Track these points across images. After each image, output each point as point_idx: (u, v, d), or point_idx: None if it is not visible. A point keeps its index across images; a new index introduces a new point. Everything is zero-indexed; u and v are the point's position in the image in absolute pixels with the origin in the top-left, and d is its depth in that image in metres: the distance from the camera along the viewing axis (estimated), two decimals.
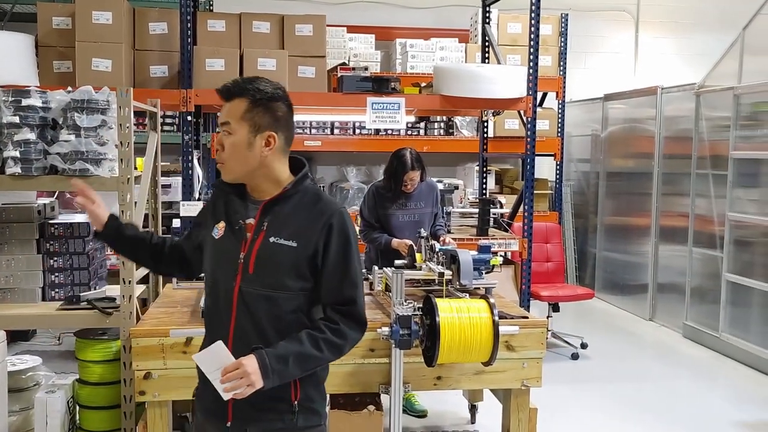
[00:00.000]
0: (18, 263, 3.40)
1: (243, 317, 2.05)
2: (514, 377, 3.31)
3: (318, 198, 2.12)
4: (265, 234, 2.06)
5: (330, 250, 2.05)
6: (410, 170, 4.35)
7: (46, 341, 5.72)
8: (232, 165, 2.06)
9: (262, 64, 4.99)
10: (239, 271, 2.05)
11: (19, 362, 3.68)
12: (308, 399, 2.11)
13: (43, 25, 4.99)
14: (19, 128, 3.12)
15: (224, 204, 2.16)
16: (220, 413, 2.07)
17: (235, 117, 2.02)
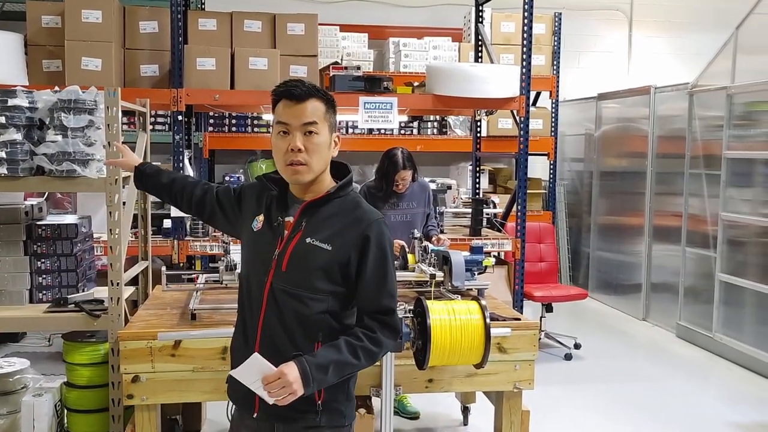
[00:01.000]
0: (4, 265, 3.35)
1: (271, 313, 2.10)
2: (506, 379, 3.29)
3: (357, 205, 2.16)
4: (302, 234, 2.10)
5: (367, 262, 2.09)
6: (402, 170, 4.33)
7: (35, 342, 5.67)
8: (316, 165, 2.09)
9: (254, 64, 4.96)
10: (272, 267, 2.10)
11: (6, 365, 3.63)
12: (333, 399, 2.15)
13: (33, 24, 4.96)
14: (5, 129, 3.07)
15: (265, 198, 2.21)
16: (248, 405, 2.14)
17: (319, 117, 2.07)
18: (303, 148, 2.06)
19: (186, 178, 2.59)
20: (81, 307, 3.25)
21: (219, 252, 3.85)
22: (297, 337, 2.09)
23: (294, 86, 2.08)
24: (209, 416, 4.27)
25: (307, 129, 2.06)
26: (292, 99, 2.07)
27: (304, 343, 2.09)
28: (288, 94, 2.08)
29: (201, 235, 4.95)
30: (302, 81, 2.12)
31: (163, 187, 2.59)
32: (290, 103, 2.08)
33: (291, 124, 2.07)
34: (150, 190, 2.71)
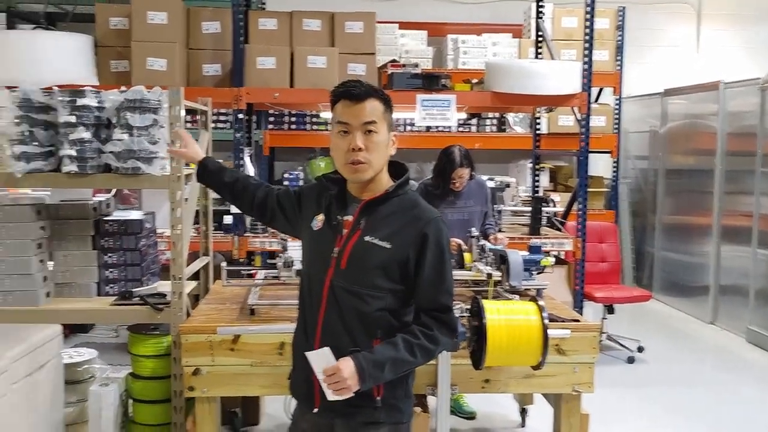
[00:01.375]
0: (74, 259, 3.47)
1: (331, 310, 2.15)
2: (564, 382, 3.23)
3: (415, 203, 2.19)
4: (361, 232, 2.14)
5: (425, 260, 2.12)
6: (459, 167, 4.30)
7: (103, 333, 5.86)
8: (376, 164, 2.13)
9: (312, 62, 5.01)
10: (332, 265, 2.14)
11: (75, 355, 3.77)
12: (392, 396, 2.18)
13: (101, 26, 5.12)
14: (75, 127, 3.17)
15: (324, 198, 2.25)
16: (309, 400, 2.20)
17: (378, 116, 2.12)
18: (363, 146, 2.10)
19: (248, 178, 2.63)
20: (145, 300, 3.34)
21: (278, 248, 3.90)
22: (356, 334, 2.13)
23: (353, 86, 2.13)
24: (268, 411, 4.34)
25: (366, 128, 2.11)
26: (352, 99, 2.12)
27: (364, 340, 2.13)
28: (347, 95, 2.12)
29: (260, 232, 5.03)
30: (360, 81, 2.16)
31: (225, 185, 2.64)
32: (350, 102, 2.12)
33: (351, 123, 2.11)
34: (211, 186, 2.77)
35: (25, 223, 3.26)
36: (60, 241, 3.46)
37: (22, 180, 3.19)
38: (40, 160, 3.20)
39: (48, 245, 3.41)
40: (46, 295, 3.34)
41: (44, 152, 3.21)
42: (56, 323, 3.16)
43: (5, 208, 3.29)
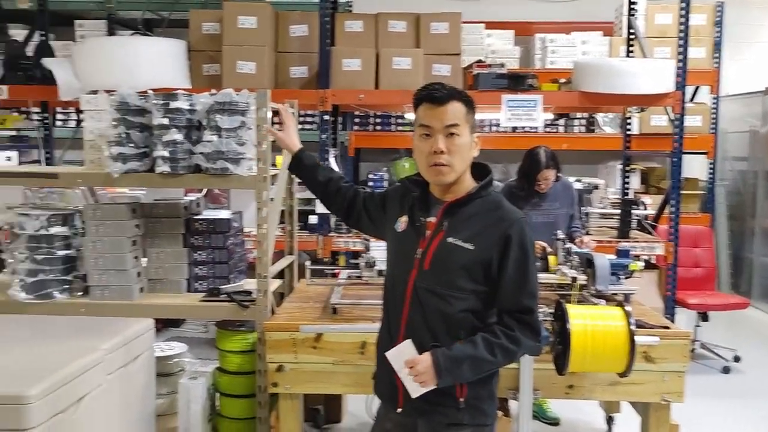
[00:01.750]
0: (166, 256, 3.60)
1: (415, 311, 2.17)
2: (653, 390, 3.12)
3: (499, 205, 2.19)
4: (444, 234, 2.15)
5: (508, 261, 2.12)
6: (544, 169, 4.23)
7: (194, 328, 6.05)
8: (458, 166, 2.14)
9: (397, 63, 5.02)
10: (415, 266, 2.17)
11: (167, 348, 3.91)
12: (475, 397, 2.19)
13: (195, 31, 5.29)
14: (168, 129, 3.30)
15: (407, 200, 2.28)
16: (393, 399, 2.23)
17: (460, 119, 2.12)
18: (445, 149, 2.10)
19: (340, 180, 2.65)
20: (231, 297, 3.43)
21: (361, 248, 3.94)
22: (439, 335, 2.15)
23: (435, 89, 2.13)
24: (350, 409, 4.38)
25: (449, 131, 2.11)
26: (434, 102, 2.12)
27: (447, 341, 2.14)
28: (429, 97, 2.13)
29: (345, 232, 5.08)
30: (443, 84, 2.16)
31: (318, 183, 2.66)
32: (432, 105, 2.13)
33: (433, 126, 2.12)
34: (303, 180, 2.77)
35: (122, 221, 3.41)
36: (153, 239, 3.60)
37: (119, 180, 3.34)
38: (136, 161, 3.34)
39: (142, 242, 3.56)
40: (139, 290, 3.49)
41: (139, 153, 3.35)
42: (149, 317, 3.27)
43: (103, 207, 3.45)
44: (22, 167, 4.27)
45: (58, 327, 3.10)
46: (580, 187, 5.55)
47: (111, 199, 4.95)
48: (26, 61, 5.37)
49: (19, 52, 5.43)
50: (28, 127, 6.46)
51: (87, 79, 4.97)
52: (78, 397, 2.52)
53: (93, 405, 2.61)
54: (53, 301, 3.39)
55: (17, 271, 3.36)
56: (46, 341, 2.87)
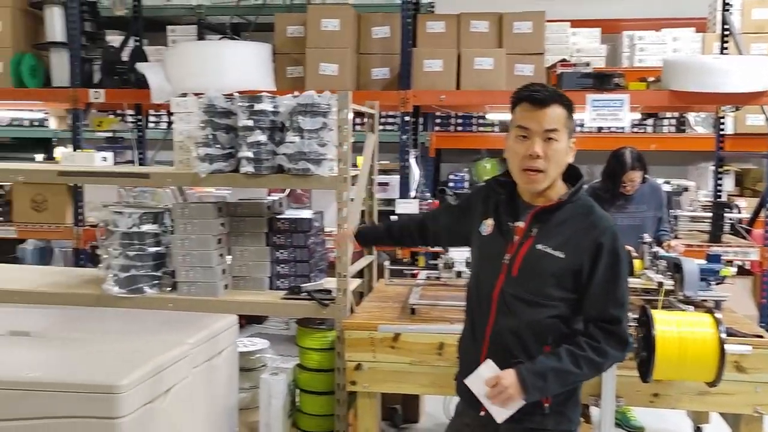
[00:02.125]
0: (250, 254, 3.69)
1: (501, 317, 2.14)
2: (744, 402, 2.98)
3: (590, 211, 2.13)
4: (533, 240, 2.10)
5: (598, 269, 2.07)
6: (630, 170, 4.11)
7: (276, 325, 6.20)
8: (553, 172, 2.09)
9: (479, 64, 4.99)
10: (503, 272, 2.13)
11: (249, 344, 4.02)
12: (560, 403, 2.15)
13: (280, 34, 5.40)
14: (252, 131, 3.38)
15: (494, 202, 2.22)
16: (475, 403, 2.17)
17: (560, 123, 2.06)
18: (542, 154, 2.04)
19: (399, 219, 2.73)
20: (312, 295, 3.49)
21: (440, 249, 3.93)
22: (527, 340, 2.11)
23: (537, 90, 2.07)
24: (427, 409, 4.38)
25: (547, 135, 2.05)
26: (535, 103, 2.06)
27: (534, 347, 2.10)
28: (530, 98, 2.07)
29: None
30: (545, 85, 2.11)
31: (383, 237, 2.92)
32: (532, 107, 2.06)
33: (532, 129, 2.06)
34: (376, 244, 2.98)
35: (208, 220, 3.52)
36: (237, 237, 3.70)
37: (206, 180, 3.45)
38: (221, 161, 3.44)
39: (227, 241, 3.66)
40: (224, 287, 3.59)
41: (225, 154, 3.45)
42: (233, 314, 3.38)
43: (191, 206, 3.57)
44: (116, 167, 4.46)
45: (147, 321, 3.24)
46: (668, 189, 5.36)
47: (198, 198, 5.13)
48: (122, 66, 5.61)
49: (115, 58, 5.68)
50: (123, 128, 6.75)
51: (177, 83, 5.15)
52: (166, 389, 2.63)
53: (179, 396, 2.72)
54: (144, 295, 3.53)
55: (111, 267, 3.51)
56: (136, 334, 3.00)
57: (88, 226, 5.38)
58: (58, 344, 2.84)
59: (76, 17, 5.37)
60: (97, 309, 3.48)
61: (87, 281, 3.81)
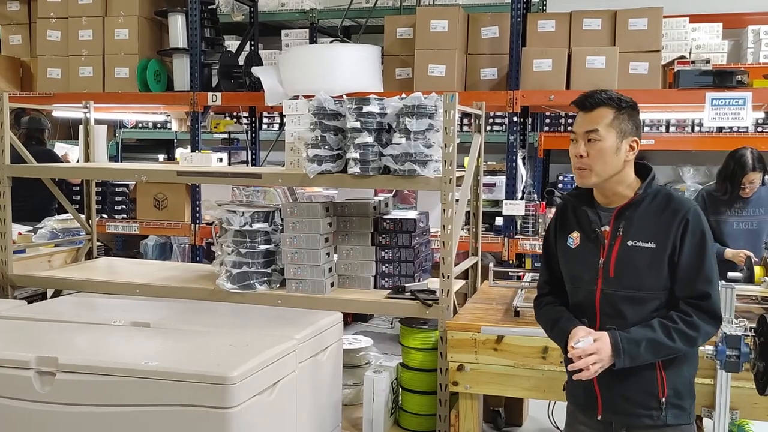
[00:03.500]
0: (356, 253, 3.78)
1: (607, 320, 2.23)
2: None
3: (670, 198, 2.25)
4: (621, 238, 2.22)
5: (684, 246, 2.17)
6: (750, 172, 3.91)
7: (380, 324, 6.27)
8: (598, 169, 2.21)
9: (591, 62, 4.88)
10: (600, 276, 2.24)
11: (354, 341, 4.10)
12: (676, 396, 2.23)
13: (389, 36, 5.47)
14: (360, 132, 3.45)
15: (574, 216, 2.36)
16: (591, 407, 2.30)
17: (603, 124, 2.19)
18: (585, 154, 2.19)
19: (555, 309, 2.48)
20: (416, 295, 3.52)
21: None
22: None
23: (587, 97, 2.23)
24: (531, 413, 4.32)
25: (588, 136, 2.19)
26: (582, 108, 2.23)
27: None
28: (578, 104, 2.25)
29: (531, 234, 5.02)
30: (599, 91, 2.24)
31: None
32: (580, 112, 2.24)
33: (576, 132, 2.23)
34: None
35: (315, 219, 3.62)
36: (344, 236, 3.79)
37: (314, 180, 3.55)
38: (330, 162, 3.54)
39: (334, 240, 3.76)
40: (330, 284, 3.69)
41: (333, 155, 3.54)
42: (338, 311, 3.46)
43: (299, 205, 3.69)
44: (231, 168, 4.67)
45: (257, 316, 3.36)
46: None
47: (308, 198, 5.28)
48: (237, 70, 5.86)
49: (232, 62, 5.93)
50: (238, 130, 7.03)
51: (290, 85, 5.32)
52: (273, 381, 2.73)
53: (286, 390, 2.81)
54: (254, 291, 3.68)
55: (224, 263, 3.68)
56: (246, 328, 3.13)
57: (204, 224, 5.65)
58: (175, 336, 3.01)
59: (197, 24, 5.65)
60: (210, 303, 3.65)
61: (202, 276, 4.02)
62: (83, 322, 3.18)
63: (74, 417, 2.56)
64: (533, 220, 5.07)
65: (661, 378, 2.21)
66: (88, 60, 5.97)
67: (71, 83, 6.02)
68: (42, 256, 4.36)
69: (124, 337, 3.00)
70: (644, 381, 2.21)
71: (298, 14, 7.09)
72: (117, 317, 3.22)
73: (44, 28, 6.11)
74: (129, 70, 5.87)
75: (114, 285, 3.93)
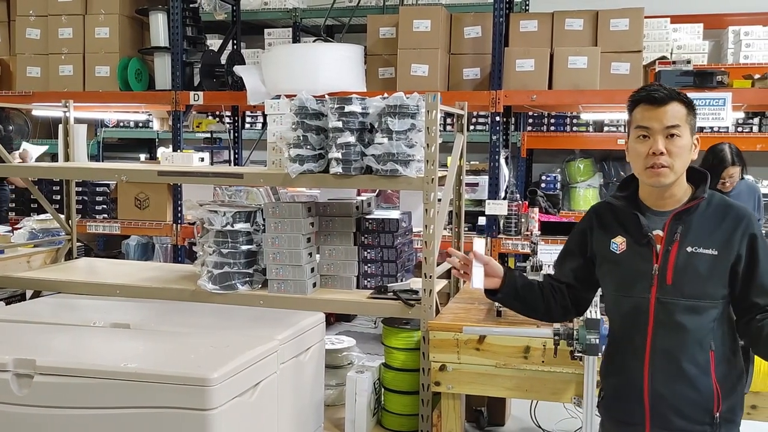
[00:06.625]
0: (338, 253, 3.76)
1: (661, 330, 2.13)
2: None
3: (729, 204, 2.18)
4: (679, 243, 2.12)
5: (759, 258, 2.09)
6: (729, 166, 3.96)
7: (364, 324, 6.27)
8: (678, 168, 2.11)
9: (573, 63, 4.90)
10: (654, 284, 2.13)
11: (337, 342, 4.08)
12: (730, 410, 2.16)
13: (372, 36, 5.47)
14: (342, 132, 3.44)
15: (615, 219, 2.24)
16: (639, 423, 2.17)
17: (681, 120, 2.11)
18: (665, 150, 2.07)
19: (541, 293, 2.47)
20: (398, 295, 3.52)
21: (528, 251, 3.88)
22: (691, 348, 2.11)
23: (654, 90, 2.12)
24: (514, 413, 4.34)
25: (669, 132, 2.08)
26: (654, 103, 2.10)
27: (700, 354, 2.11)
28: (649, 98, 2.12)
29: (513, 234, 5.03)
30: (662, 85, 2.15)
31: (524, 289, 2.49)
32: (651, 107, 2.10)
33: (653, 127, 2.09)
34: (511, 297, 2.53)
35: (297, 219, 3.60)
36: (326, 236, 3.77)
37: (296, 180, 3.53)
38: (312, 162, 3.52)
39: (316, 240, 3.74)
40: (312, 285, 3.67)
41: (315, 155, 3.53)
42: (320, 311, 3.45)
43: (281, 205, 3.67)
44: (213, 167, 4.64)
45: (238, 316, 3.34)
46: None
47: (291, 198, 5.26)
48: (220, 69, 5.83)
49: (214, 61, 5.90)
50: (221, 129, 6.99)
51: (272, 85, 5.30)
52: (255, 383, 2.71)
53: (267, 391, 2.80)
54: (236, 292, 3.66)
55: (206, 263, 3.66)
56: (227, 329, 3.11)
57: (186, 224, 5.62)
58: (155, 337, 2.98)
59: (179, 23, 5.61)
60: (192, 304, 3.63)
61: (183, 277, 3.99)
62: (62, 324, 3.15)
63: (52, 420, 2.54)
64: (516, 219, 5.09)
65: (718, 395, 2.12)
66: (68, 58, 5.91)
67: (51, 82, 5.97)
68: (21, 257, 4.31)
69: (103, 338, 2.97)
70: (699, 397, 2.12)
71: (281, 13, 7.06)
72: (96, 318, 3.19)
73: (23, 26, 6.05)
74: (110, 68, 5.82)
75: (94, 286, 3.90)
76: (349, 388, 3.55)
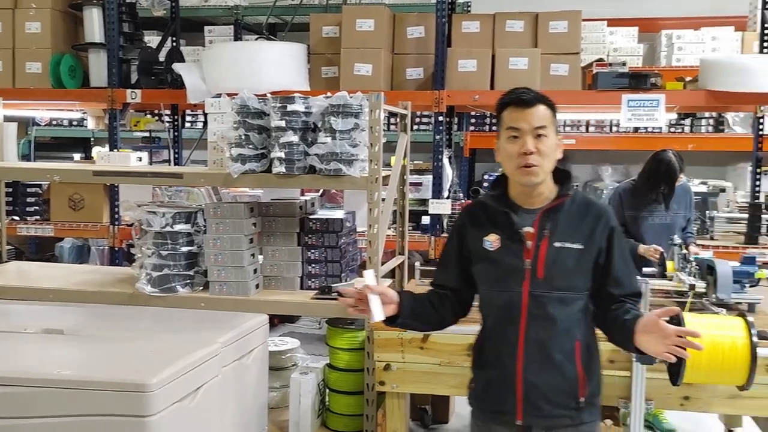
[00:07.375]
0: (281, 254, 3.72)
1: (533, 321, 2.21)
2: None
3: (590, 201, 2.31)
4: (548, 239, 2.20)
5: (615, 250, 2.23)
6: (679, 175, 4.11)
7: (308, 325, 6.23)
8: (546, 167, 2.20)
9: (514, 64, 4.96)
10: (526, 278, 2.21)
11: (280, 343, 4.05)
12: (592, 394, 2.26)
13: (315, 35, 5.43)
14: (285, 131, 3.40)
15: (487, 218, 2.29)
16: (510, 411, 2.24)
17: (548, 121, 2.19)
18: (535, 150, 2.15)
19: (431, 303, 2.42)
20: (342, 295, 3.49)
21: None
22: (561, 338, 2.21)
23: (523, 92, 2.20)
24: (457, 410, 4.37)
25: (537, 132, 2.17)
26: (522, 105, 2.18)
27: (568, 344, 2.21)
28: (518, 101, 2.19)
29: None
30: (528, 89, 2.23)
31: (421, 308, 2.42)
32: (519, 109, 2.19)
33: (522, 128, 2.17)
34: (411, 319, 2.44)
35: (239, 220, 3.55)
36: (269, 237, 3.73)
37: (238, 180, 3.49)
38: (254, 162, 3.48)
39: (259, 241, 3.70)
40: (255, 286, 3.63)
41: (258, 154, 3.48)
42: (264, 313, 3.40)
43: (223, 206, 3.61)
44: (151, 167, 4.54)
45: (179, 320, 3.27)
46: (705, 190, 5.27)
47: (233, 198, 5.19)
48: (158, 66, 5.70)
49: (152, 58, 5.77)
50: (160, 128, 6.86)
51: (213, 83, 5.22)
52: (195, 387, 2.65)
53: (209, 395, 2.74)
54: (176, 294, 3.58)
55: (144, 266, 3.57)
56: (167, 333, 3.04)
57: (123, 225, 5.48)
58: (91, 342, 2.89)
59: (115, 18, 5.47)
60: (129, 308, 3.53)
61: (120, 280, 3.89)
62: None
63: None
64: None
65: (583, 379, 2.22)
66: None
67: None
68: None
69: (35, 345, 2.86)
70: (567, 384, 2.21)
71: (222, 10, 6.97)
72: (28, 324, 3.07)
73: None
74: (42, 65, 5.63)
75: (25, 290, 3.76)
76: (294, 389, 3.52)
